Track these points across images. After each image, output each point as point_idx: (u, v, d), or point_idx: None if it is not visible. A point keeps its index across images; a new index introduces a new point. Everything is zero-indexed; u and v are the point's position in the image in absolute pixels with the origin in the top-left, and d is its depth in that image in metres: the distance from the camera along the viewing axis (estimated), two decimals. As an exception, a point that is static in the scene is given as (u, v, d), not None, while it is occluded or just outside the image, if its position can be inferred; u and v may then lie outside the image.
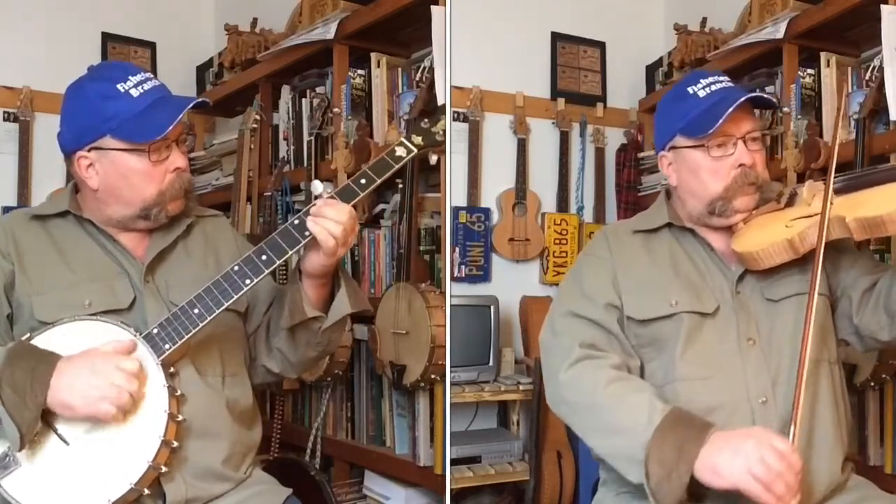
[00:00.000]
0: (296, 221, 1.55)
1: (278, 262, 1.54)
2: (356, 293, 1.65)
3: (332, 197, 1.55)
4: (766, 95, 1.71)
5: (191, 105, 1.56)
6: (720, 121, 1.54)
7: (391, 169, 1.61)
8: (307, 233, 1.54)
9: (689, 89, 1.63)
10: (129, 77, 1.56)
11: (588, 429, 1.53)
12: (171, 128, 1.53)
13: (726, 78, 1.66)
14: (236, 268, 1.53)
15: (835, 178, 1.52)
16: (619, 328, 1.59)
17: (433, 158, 1.62)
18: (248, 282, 1.53)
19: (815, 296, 1.44)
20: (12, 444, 1.40)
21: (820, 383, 1.55)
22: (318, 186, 1.58)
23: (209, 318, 1.51)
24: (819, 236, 1.46)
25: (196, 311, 1.50)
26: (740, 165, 1.59)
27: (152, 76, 1.60)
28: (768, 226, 1.57)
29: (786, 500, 1.32)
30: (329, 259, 1.55)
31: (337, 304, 1.63)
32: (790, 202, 1.60)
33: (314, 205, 1.55)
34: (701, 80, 1.63)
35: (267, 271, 1.54)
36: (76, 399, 1.40)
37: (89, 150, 1.56)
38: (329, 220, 1.52)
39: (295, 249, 1.55)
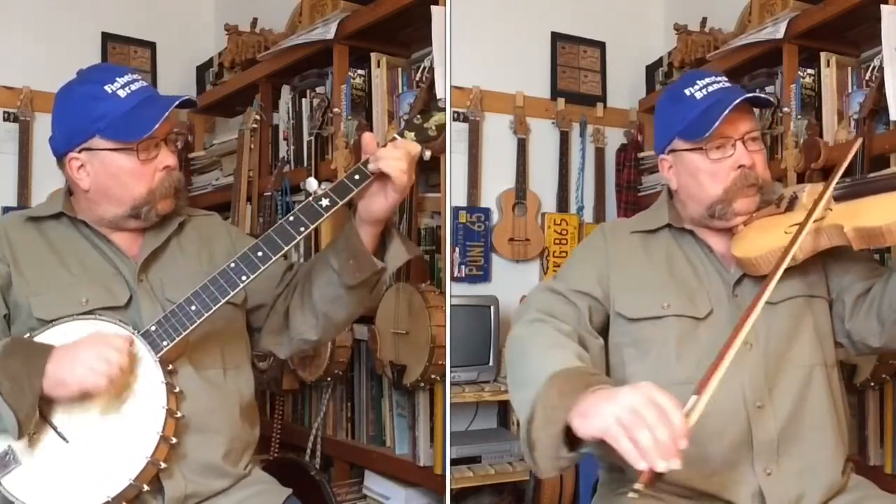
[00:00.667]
0: (291, 218, 1.56)
1: (274, 259, 1.55)
2: (407, 241, 1.67)
3: (393, 138, 1.58)
4: (763, 95, 1.70)
5: (176, 103, 1.57)
6: (717, 123, 1.52)
7: None
8: (302, 229, 1.55)
9: (686, 91, 1.62)
10: (117, 78, 1.58)
11: (511, 382, 1.47)
12: (157, 126, 1.54)
13: (724, 78, 1.64)
14: (233, 264, 1.54)
15: (837, 183, 1.51)
16: (588, 314, 1.57)
17: (426, 154, 1.63)
18: (244, 278, 1.54)
19: (768, 292, 1.39)
20: (11, 433, 1.41)
21: (817, 387, 1.54)
22: (312, 184, 1.59)
23: (206, 315, 1.52)
24: (792, 240, 1.44)
25: (193, 307, 1.51)
26: (740, 167, 1.57)
27: (139, 77, 1.62)
28: (767, 231, 1.56)
29: (650, 455, 1.13)
30: (399, 197, 1.56)
31: (394, 251, 1.64)
32: (790, 206, 1.58)
33: (308, 202, 1.56)
34: (698, 82, 1.62)
35: (263, 267, 1.55)
36: (67, 375, 1.41)
37: (80, 152, 1.58)
38: (394, 156, 1.54)
39: (290, 245, 1.56)
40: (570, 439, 1.25)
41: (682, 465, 1.15)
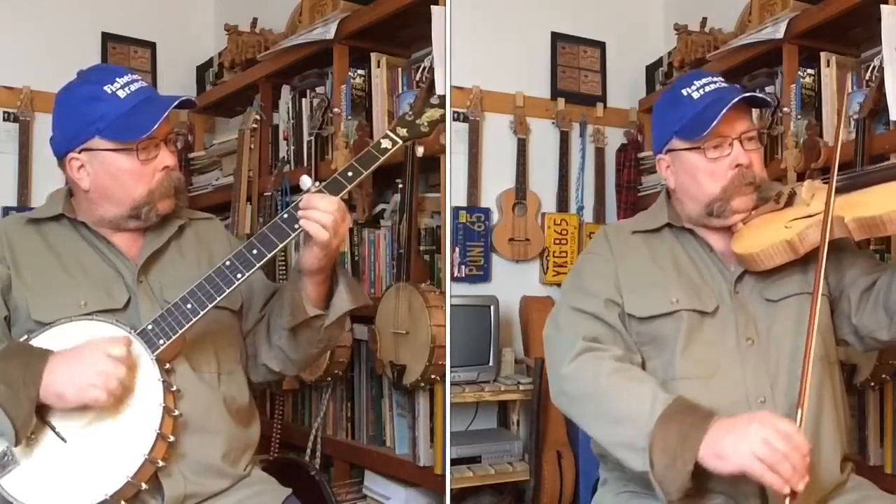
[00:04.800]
0: (285, 215, 1.57)
1: (269, 256, 1.55)
2: (354, 289, 1.66)
3: (319, 190, 1.56)
4: (760, 94, 1.71)
5: (175, 103, 1.58)
6: (714, 122, 1.54)
7: (377, 161, 1.63)
8: (297, 226, 1.55)
9: (684, 91, 1.63)
10: (116, 79, 1.59)
11: (589, 417, 1.52)
12: (156, 126, 1.55)
13: (720, 78, 1.65)
14: (228, 263, 1.55)
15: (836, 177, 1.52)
16: (621, 323, 1.59)
17: (419, 150, 1.64)
18: (239, 276, 1.54)
19: (820, 292, 1.43)
20: (8, 439, 1.41)
21: (818, 383, 1.54)
22: (306, 182, 1.59)
23: (202, 313, 1.52)
24: (822, 236, 1.46)
25: (189, 306, 1.52)
26: (737, 166, 1.58)
27: (139, 77, 1.63)
28: (767, 226, 1.56)
29: (793, 481, 1.30)
30: (323, 251, 1.55)
31: (337, 300, 1.63)
32: (789, 202, 1.59)
33: (302, 199, 1.56)
34: (695, 82, 1.63)
35: (258, 265, 1.55)
36: (66, 388, 1.41)
37: (80, 152, 1.59)
38: (318, 211, 1.53)
39: (285, 243, 1.56)
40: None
41: None
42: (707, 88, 1.61)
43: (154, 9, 3.66)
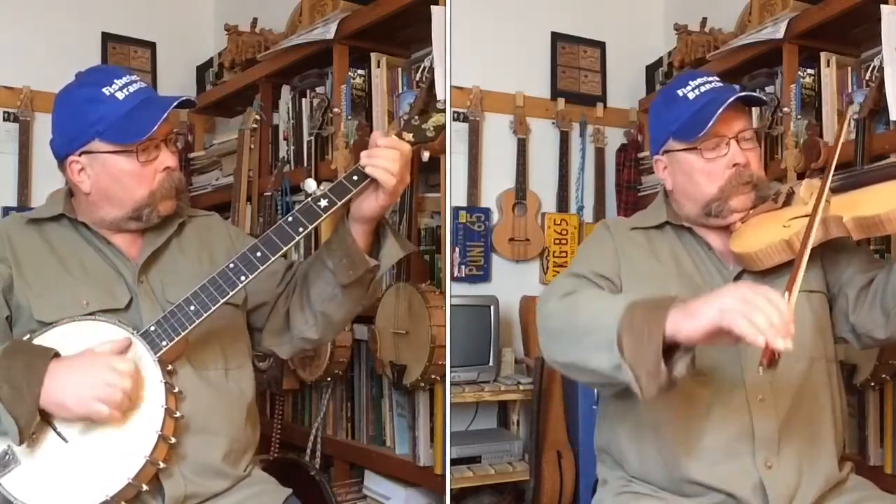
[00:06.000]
0: (289, 219, 1.56)
1: (273, 259, 1.55)
2: (400, 237, 1.66)
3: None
4: (755, 94, 1.70)
5: (175, 104, 1.57)
6: (710, 122, 1.53)
7: None
8: (301, 229, 1.54)
9: (679, 92, 1.62)
10: (115, 80, 1.58)
11: (566, 344, 1.43)
12: (155, 127, 1.54)
13: (716, 78, 1.65)
14: (231, 265, 1.54)
15: (833, 176, 1.52)
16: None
17: (425, 155, 1.63)
18: (243, 278, 1.54)
19: (800, 275, 1.39)
20: (12, 439, 1.41)
21: (817, 381, 1.55)
22: (311, 185, 1.59)
23: (205, 315, 1.52)
24: (806, 234, 1.45)
25: (192, 307, 1.52)
26: (734, 165, 1.58)
27: (138, 78, 1.62)
28: (766, 226, 1.56)
29: (770, 334, 1.18)
30: (388, 197, 1.55)
31: (387, 250, 1.63)
32: (788, 201, 1.59)
33: (306, 202, 1.56)
34: (690, 82, 1.63)
35: (262, 268, 1.55)
36: (69, 399, 1.41)
37: (80, 155, 1.58)
38: (384, 158, 1.53)
39: (289, 246, 1.56)
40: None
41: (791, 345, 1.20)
42: (702, 88, 1.61)
43: (154, 9, 3.66)
